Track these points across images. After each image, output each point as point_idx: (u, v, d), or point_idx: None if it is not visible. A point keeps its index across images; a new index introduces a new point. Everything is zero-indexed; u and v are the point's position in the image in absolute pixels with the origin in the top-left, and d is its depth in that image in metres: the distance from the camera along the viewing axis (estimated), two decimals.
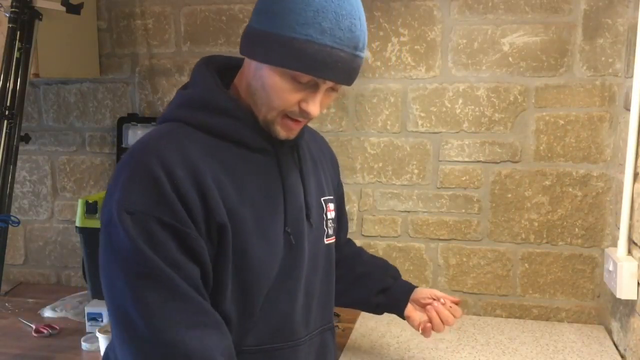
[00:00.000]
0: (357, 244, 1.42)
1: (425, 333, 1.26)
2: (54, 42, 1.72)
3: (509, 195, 1.72)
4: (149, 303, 0.82)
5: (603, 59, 1.62)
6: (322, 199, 1.09)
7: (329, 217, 1.10)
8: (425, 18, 1.71)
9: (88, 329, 1.62)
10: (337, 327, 1.57)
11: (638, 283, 1.39)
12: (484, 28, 1.68)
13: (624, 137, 1.49)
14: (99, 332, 1.45)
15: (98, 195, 1.79)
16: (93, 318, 1.63)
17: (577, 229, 1.70)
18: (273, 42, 0.88)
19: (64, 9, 1.63)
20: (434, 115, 1.74)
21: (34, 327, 1.66)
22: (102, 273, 0.87)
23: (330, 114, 1.81)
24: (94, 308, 1.63)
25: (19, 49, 1.54)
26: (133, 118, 1.95)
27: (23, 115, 1.59)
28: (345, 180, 1.80)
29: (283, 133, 0.95)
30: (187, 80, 1.01)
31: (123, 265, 0.84)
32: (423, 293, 1.30)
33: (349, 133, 1.81)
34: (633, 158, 1.43)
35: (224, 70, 1.00)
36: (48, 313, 1.77)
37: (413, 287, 1.33)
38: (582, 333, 1.63)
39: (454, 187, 1.76)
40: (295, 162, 1.04)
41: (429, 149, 1.76)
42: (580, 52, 1.63)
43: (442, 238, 1.79)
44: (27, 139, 1.70)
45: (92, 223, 1.70)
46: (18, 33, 1.54)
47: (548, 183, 1.70)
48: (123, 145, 1.95)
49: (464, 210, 1.76)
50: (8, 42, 1.53)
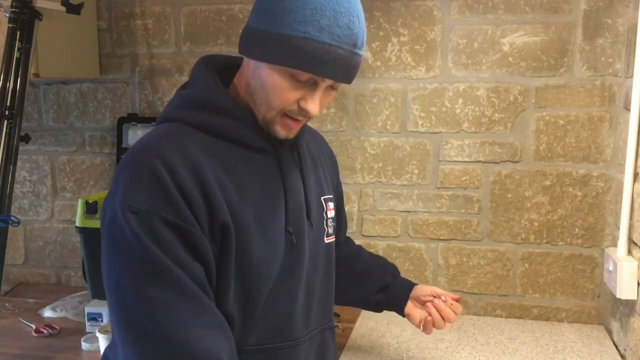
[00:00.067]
0: (356, 243, 1.42)
1: (426, 330, 1.27)
2: (54, 42, 1.72)
3: (509, 195, 1.72)
4: (156, 302, 0.82)
5: (603, 59, 1.62)
6: (322, 198, 1.09)
7: (329, 216, 1.10)
8: (425, 18, 1.71)
9: (88, 329, 1.62)
10: (337, 327, 1.57)
11: (638, 283, 1.39)
12: (484, 28, 1.68)
13: (624, 137, 1.49)
14: (99, 332, 1.45)
15: (98, 195, 1.79)
16: (93, 318, 1.63)
17: (577, 229, 1.70)
18: (271, 40, 0.87)
19: (64, 9, 1.63)
20: (434, 115, 1.74)
21: (34, 327, 1.66)
22: (105, 273, 0.86)
23: (330, 114, 1.81)
24: (94, 308, 1.63)
25: (19, 49, 1.54)
26: (133, 118, 1.95)
27: (23, 115, 1.59)
28: (345, 180, 1.80)
29: (282, 132, 0.95)
30: (187, 80, 1.01)
31: (128, 265, 0.83)
32: (423, 290, 1.30)
33: (349, 133, 1.81)
34: (633, 158, 1.43)
35: (224, 70, 0.99)
36: (48, 313, 1.77)
37: (413, 284, 1.33)
38: (582, 333, 1.63)
39: (454, 187, 1.76)
40: (296, 161, 1.03)
41: (429, 149, 1.76)
42: (580, 52, 1.63)
43: (442, 238, 1.79)
44: (27, 139, 1.70)
45: (92, 223, 1.70)
46: (18, 33, 1.54)
47: (548, 183, 1.70)
48: (123, 145, 1.95)
49: (464, 210, 1.76)
50: (8, 42, 1.53)
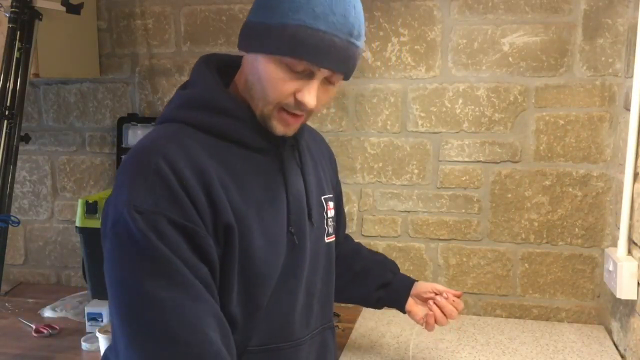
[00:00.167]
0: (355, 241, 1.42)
1: (428, 327, 1.27)
2: (54, 42, 1.72)
3: (509, 195, 1.72)
4: (163, 302, 0.80)
5: (603, 59, 1.62)
6: (322, 198, 1.09)
7: (329, 215, 1.10)
8: (425, 18, 1.71)
9: (88, 329, 1.62)
10: (337, 327, 1.57)
11: (638, 283, 1.39)
12: (484, 28, 1.68)
13: (624, 137, 1.49)
14: (99, 332, 1.45)
15: (98, 195, 1.79)
16: (93, 318, 1.63)
17: (577, 229, 1.70)
18: (267, 31, 0.87)
19: (64, 9, 1.63)
20: (434, 115, 1.74)
21: (34, 327, 1.66)
22: (108, 273, 0.84)
23: (330, 114, 1.81)
24: (94, 308, 1.63)
25: (19, 49, 1.54)
26: (133, 118, 1.95)
27: (23, 115, 1.59)
28: (345, 180, 1.80)
29: (280, 128, 0.93)
30: (187, 80, 1.01)
31: (135, 265, 0.81)
32: (424, 287, 1.30)
33: (349, 133, 1.81)
34: (633, 158, 1.43)
35: (224, 69, 0.99)
36: (48, 313, 1.77)
37: (413, 281, 1.33)
38: (582, 333, 1.63)
39: (454, 187, 1.76)
40: (297, 161, 1.03)
41: (429, 149, 1.76)
42: (580, 52, 1.63)
43: (442, 238, 1.79)
44: (27, 139, 1.70)
45: (92, 223, 1.70)
46: (18, 33, 1.53)
47: (548, 183, 1.70)
48: (123, 145, 1.95)
49: (464, 210, 1.76)
50: (8, 42, 1.53)
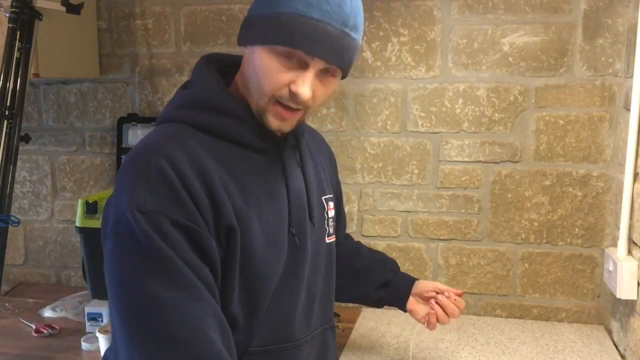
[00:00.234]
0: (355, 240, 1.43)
1: (430, 326, 1.27)
2: (54, 42, 1.72)
3: (509, 195, 1.72)
4: (165, 302, 0.80)
5: (603, 59, 1.62)
6: (323, 198, 1.09)
7: (330, 215, 1.10)
8: (425, 18, 1.71)
9: (88, 329, 1.62)
10: (337, 327, 1.57)
11: (638, 283, 1.39)
12: (484, 28, 1.68)
13: (624, 137, 1.49)
14: (99, 332, 1.45)
15: (98, 195, 1.79)
16: (93, 318, 1.63)
17: (577, 229, 1.69)
18: (263, 22, 0.88)
19: (64, 9, 1.63)
20: (434, 115, 1.74)
21: (34, 327, 1.66)
22: (109, 273, 0.83)
23: (331, 114, 1.81)
24: (94, 308, 1.63)
25: (19, 49, 1.54)
26: (133, 118, 1.95)
27: (23, 115, 1.59)
28: (345, 180, 1.80)
29: (275, 122, 0.92)
30: (187, 80, 1.00)
31: (137, 265, 0.81)
32: (425, 286, 1.30)
33: (349, 133, 1.81)
34: (633, 158, 1.43)
35: (225, 69, 0.98)
36: (48, 313, 1.77)
37: (413, 279, 1.33)
38: (582, 333, 1.63)
39: (454, 187, 1.76)
40: (298, 161, 1.03)
41: (429, 149, 1.76)
42: (580, 52, 1.63)
43: (442, 238, 1.79)
44: (27, 139, 1.70)
45: (92, 223, 1.70)
46: (18, 33, 1.53)
47: (548, 183, 1.70)
48: (123, 145, 1.95)
49: (464, 210, 1.76)
50: (8, 42, 1.53)
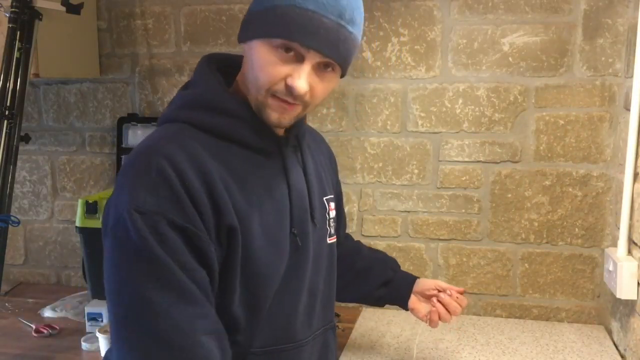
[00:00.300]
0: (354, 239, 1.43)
1: (432, 324, 1.27)
2: (54, 42, 1.72)
3: (509, 195, 1.72)
4: (159, 306, 0.79)
5: (603, 59, 1.62)
6: (324, 199, 1.09)
7: (331, 216, 1.10)
8: (425, 18, 1.71)
9: (88, 329, 1.62)
10: (337, 327, 1.57)
11: (638, 283, 1.39)
12: (484, 28, 1.68)
13: (624, 137, 1.49)
14: (99, 332, 1.45)
15: (98, 195, 1.79)
16: (93, 318, 1.63)
17: (577, 229, 1.69)
18: (260, 16, 0.88)
19: (64, 9, 1.63)
20: (434, 115, 1.74)
21: (34, 327, 1.66)
22: (107, 274, 0.83)
23: (331, 114, 1.81)
24: (94, 308, 1.63)
25: (19, 49, 1.54)
26: (133, 118, 1.95)
27: (23, 115, 1.59)
28: (345, 180, 1.80)
29: (274, 115, 0.91)
30: (187, 80, 1.00)
31: (132, 266, 0.81)
32: (427, 284, 1.30)
33: (349, 133, 1.81)
34: (633, 158, 1.43)
35: (226, 69, 0.98)
36: (48, 313, 1.77)
37: (414, 278, 1.33)
38: (582, 333, 1.63)
39: (454, 187, 1.75)
40: (299, 162, 1.03)
41: (429, 149, 1.76)
42: (580, 52, 1.63)
43: (442, 238, 1.79)
44: (27, 139, 1.70)
45: (92, 223, 1.70)
46: (18, 33, 1.53)
47: (548, 183, 1.70)
48: (123, 145, 1.95)
49: (464, 210, 1.76)
50: (8, 42, 1.53)
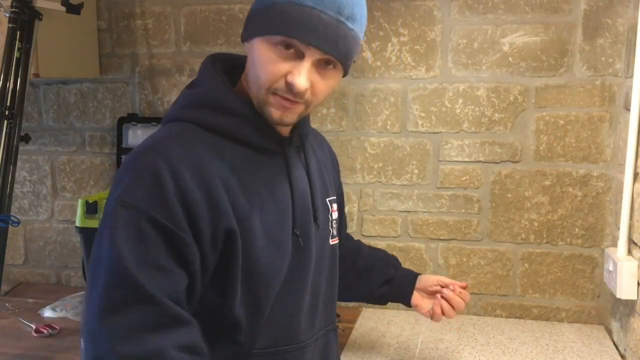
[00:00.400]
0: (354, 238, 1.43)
1: (435, 316, 1.27)
2: (54, 42, 1.72)
3: (509, 195, 1.72)
4: (112, 303, 0.80)
5: (603, 59, 1.62)
6: (327, 200, 1.08)
7: (334, 217, 1.10)
8: (425, 18, 1.71)
9: None
10: (337, 327, 1.57)
11: (638, 283, 1.39)
12: (484, 28, 1.68)
13: (624, 137, 1.49)
14: None
15: (98, 195, 1.79)
16: None
17: (577, 229, 1.69)
18: (260, 13, 0.88)
19: (64, 9, 1.63)
20: (434, 115, 1.74)
21: (34, 327, 1.65)
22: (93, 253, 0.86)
23: (331, 114, 1.81)
24: None
25: (19, 49, 1.54)
26: (133, 118, 1.95)
27: (23, 115, 1.59)
28: (345, 180, 1.80)
29: (276, 113, 0.91)
30: (187, 80, 1.00)
31: (102, 262, 0.82)
32: (429, 281, 1.30)
33: (349, 133, 1.81)
34: (633, 158, 1.43)
35: (231, 69, 0.98)
36: (48, 313, 1.77)
37: (416, 274, 1.33)
38: (582, 333, 1.63)
39: (454, 187, 1.75)
40: (302, 163, 1.03)
41: (429, 149, 1.76)
42: (580, 52, 1.63)
43: (442, 238, 1.79)
44: (27, 139, 1.70)
45: (92, 223, 1.70)
46: (18, 33, 1.53)
47: (548, 183, 1.70)
48: (123, 145, 1.95)
49: (464, 210, 1.76)
50: (8, 42, 1.53)
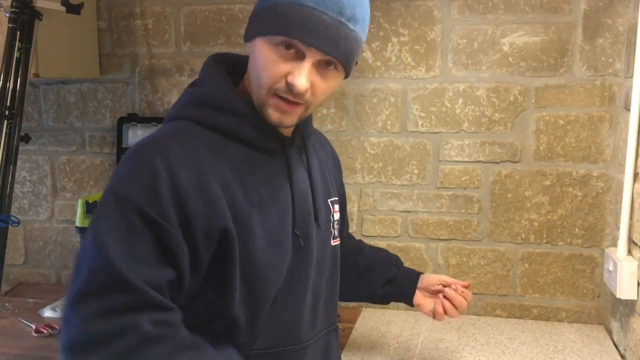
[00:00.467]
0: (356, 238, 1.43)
1: (438, 315, 1.27)
2: (54, 42, 1.72)
3: (509, 195, 1.72)
4: (90, 289, 0.79)
5: (603, 59, 1.62)
6: (329, 201, 1.08)
7: (335, 218, 1.10)
8: (425, 18, 1.71)
9: None
10: (338, 327, 1.57)
11: (638, 283, 1.39)
12: (484, 28, 1.68)
13: (624, 137, 1.49)
14: None
15: (98, 195, 1.79)
16: None
17: (577, 229, 1.69)
18: (262, 14, 0.89)
19: (64, 9, 1.63)
20: (434, 115, 1.74)
21: (34, 327, 1.65)
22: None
23: (331, 114, 1.81)
24: None
25: (19, 49, 1.54)
26: (133, 118, 1.95)
27: (23, 115, 1.59)
28: (345, 180, 1.79)
29: (275, 115, 0.91)
30: (187, 80, 1.01)
31: (87, 253, 0.82)
32: (432, 280, 1.30)
33: (349, 133, 1.81)
34: (633, 158, 1.43)
35: (234, 69, 0.98)
36: (48, 313, 1.77)
37: (418, 273, 1.33)
38: (582, 333, 1.63)
39: (454, 187, 1.75)
40: (304, 163, 1.03)
41: (429, 149, 1.76)
42: (580, 52, 1.63)
43: (442, 238, 1.79)
44: (27, 139, 1.70)
45: None
46: (18, 33, 1.53)
47: (548, 183, 1.70)
48: (123, 145, 1.95)
49: (464, 210, 1.76)
50: (8, 42, 1.53)
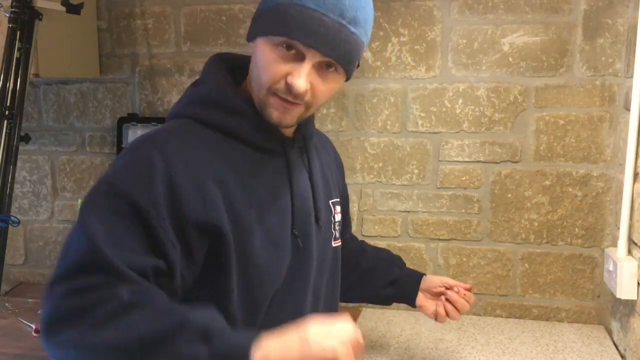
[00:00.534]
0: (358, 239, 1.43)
1: (440, 318, 1.27)
2: (54, 42, 1.72)
3: (509, 195, 1.72)
4: (71, 271, 0.80)
5: (603, 59, 1.62)
6: (330, 202, 1.08)
7: (336, 219, 1.10)
8: (425, 18, 1.71)
9: None
10: None
11: (638, 283, 1.39)
12: (484, 28, 1.68)
13: (624, 137, 1.49)
14: None
15: None
16: None
17: (577, 229, 1.69)
18: (264, 14, 0.89)
19: (64, 9, 1.63)
20: (434, 115, 1.74)
21: (34, 327, 1.65)
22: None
23: (331, 114, 1.81)
24: None
25: (19, 49, 1.54)
26: (133, 118, 1.95)
27: (23, 115, 1.59)
28: (346, 180, 1.80)
29: (275, 114, 0.91)
30: (187, 80, 1.01)
31: (74, 240, 0.81)
32: (434, 282, 1.30)
33: (349, 133, 1.81)
34: (633, 158, 1.43)
35: (236, 69, 0.99)
36: None
37: (421, 275, 1.33)
38: (582, 333, 1.63)
39: (454, 187, 1.75)
40: (305, 164, 1.03)
41: (429, 149, 1.76)
42: (580, 52, 1.63)
43: (442, 238, 1.79)
44: (27, 139, 1.70)
45: None
46: (18, 33, 1.53)
47: (548, 183, 1.70)
48: (123, 145, 1.95)
49: (464, 210, 1.76)
50: (8, 42, 1.53)
